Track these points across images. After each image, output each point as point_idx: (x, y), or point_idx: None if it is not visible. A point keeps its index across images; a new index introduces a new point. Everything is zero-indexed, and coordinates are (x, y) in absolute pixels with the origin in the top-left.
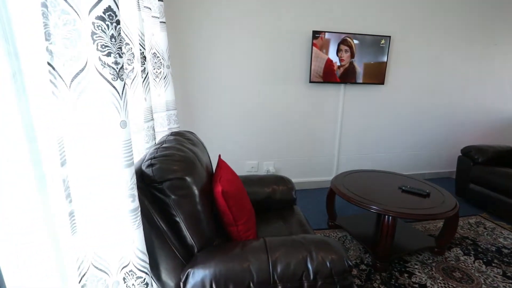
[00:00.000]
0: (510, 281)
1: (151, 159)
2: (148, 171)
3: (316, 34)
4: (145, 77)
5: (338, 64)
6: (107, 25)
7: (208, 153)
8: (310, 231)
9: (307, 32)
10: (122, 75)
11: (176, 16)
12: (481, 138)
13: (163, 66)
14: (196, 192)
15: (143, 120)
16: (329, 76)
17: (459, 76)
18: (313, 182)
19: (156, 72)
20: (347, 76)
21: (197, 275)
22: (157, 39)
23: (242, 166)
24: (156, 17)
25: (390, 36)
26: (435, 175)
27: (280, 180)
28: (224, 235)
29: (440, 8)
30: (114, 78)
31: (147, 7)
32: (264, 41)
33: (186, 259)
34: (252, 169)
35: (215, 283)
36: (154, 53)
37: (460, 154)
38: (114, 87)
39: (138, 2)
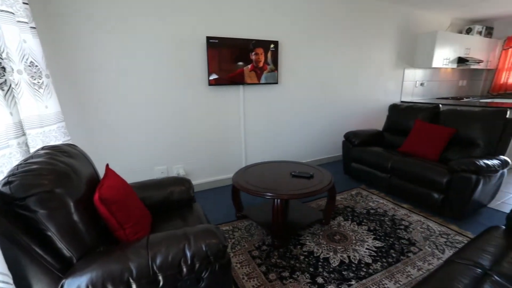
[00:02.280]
0: (371, 233)
1: (9, 176)
2: (5, 189)
3: (210, 40)
4: (8, 90)
5: (238, 66)
6: None
7: (92, 164)
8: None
9: (202, 37)
10: None
11: (53, 20)
12: (361, 124)
13: (43, 76)
14: (70, 203)
15: (12, 136)
16: (227, 78)
17: (340, 73)
18: (224, 179)
19: (38, 82)
20: (244, 78)
21: (72, 283)
22: (31, 46)
23: (151, 172)
24: (25, 22)
25: (277, 41)
26: (330, 159)
27: (178, 181)
28: (115, 240)
29: (319, 13)
30: None
31: (6, 11)
32: (163, 46)
33: (64, 271)
34: (161, 174)
35: (92, 287)
36: (32, 62)
37: (344, 139)
38: None
39: None
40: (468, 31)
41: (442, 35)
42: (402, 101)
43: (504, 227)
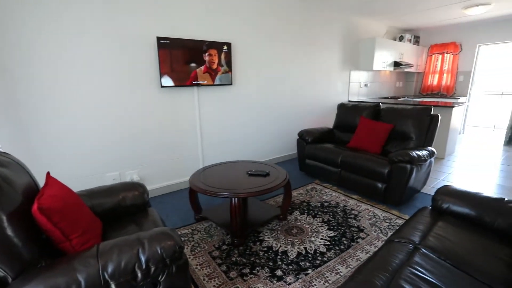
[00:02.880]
0: (325, 224)
1: None
2: None
3: (160, 40)
4: None
5: (192, 68)
6: None
7: (30, 173)
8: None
9: (152, 37)
10: None
11: None
12: (314, 123)
13: None
14: (2, 216)
15: None
16: (180, 80)
17: (293, 75)
18: (182, 183)
19: None
20: (198, 79)
21: None
22: None
23: (102, 180)
24: None
25: (230, 43)
26: (286, 157)
27: (130, 187)
28: (61, 254)
29: (273, 17)
30: None
31: None
32: (109, 46)
33: None
34: (114, 181)
35: None
36: None
37: (298, 138)
38: None
39: None
40: (401, 38)
41: (380, 41)
42: (350, 100)
43: (430, 207)
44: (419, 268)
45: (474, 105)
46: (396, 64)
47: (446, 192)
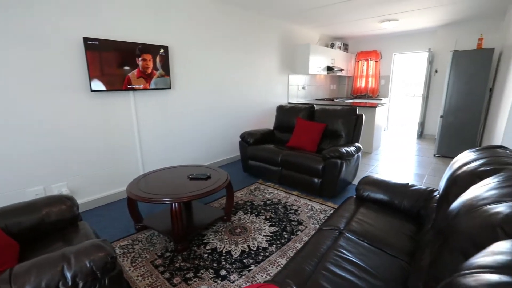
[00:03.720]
0: (267, 221)
1: None
2: None
3: (88, 41)
4: None
5: (125, 71)
6: None
7: None
8: None
9: (78, 37)
10: None
11: None
12: (256, 124)
13: None
14: None
15: None
16: (112, 84)
17: (234, 78)
18: (121, 192)
19: None
20: (132, 84)
21: None
22: None
23: (23, 195)
24: None
25: (167, 46)
26: (230, 159)
27: (56, 201)
28: None
29: (211, 20)
30: None
31: None
32: (30, 48)
33: None
34: (36, 196)
35: None
36: None
37: (240, 139)
38: None
39: None
40: (332, 45)
41: (314, 47)
42: (289, 102)
43: (355, 196)
44: (342, 250)
45: (394, 105)
46: (329, 69)
47: (366, 182)
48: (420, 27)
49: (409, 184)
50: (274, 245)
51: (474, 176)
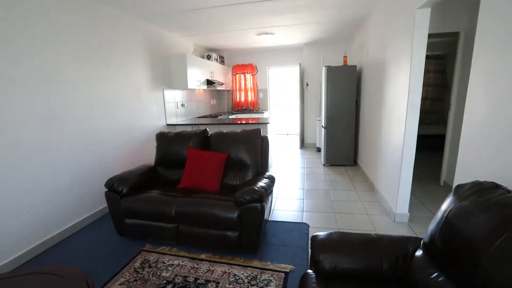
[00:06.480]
0: None
1: None
2: None
3: None
4: None
5: None
6: None
7: None
8: None
9: None
10: None
11: None
12: (129, 161)
13: None
14: None
15: None
16: None
17: (84, 100)
18: None
19: None
20: None
21: None
22: None
23: None
24: None
25: None
26: (95, 215)
27: None
28: None
29: (35, 13)
30: None
31: None
32: None
33: None
34: None
35: None
36: None
37: (106, 190)
38: None
39: None
40: (208, 57)
41: (190, 58)
42: (168, 124)
43: (311, 272)
44: None
45: (274, 117)
46: (209, 83)
47: (323, 247)
48: (291, 43)
49: (375, 234)
50: None
51: None
